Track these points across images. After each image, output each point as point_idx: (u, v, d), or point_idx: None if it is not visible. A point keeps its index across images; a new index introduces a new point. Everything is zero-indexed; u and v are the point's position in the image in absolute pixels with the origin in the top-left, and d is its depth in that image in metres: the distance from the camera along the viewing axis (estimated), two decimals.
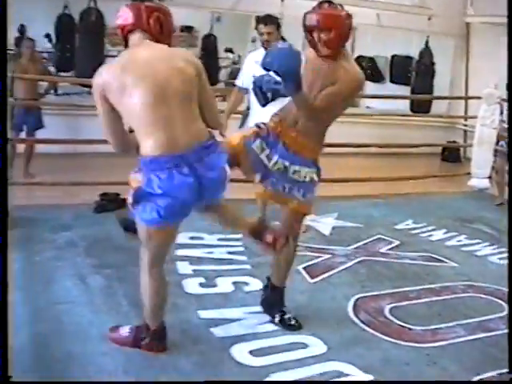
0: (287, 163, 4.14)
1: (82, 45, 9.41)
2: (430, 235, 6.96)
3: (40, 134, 8.62)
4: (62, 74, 10.59)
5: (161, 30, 3.61)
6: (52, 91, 9.84)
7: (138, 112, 3.41)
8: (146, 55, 3.50)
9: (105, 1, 9.37)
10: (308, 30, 4.10)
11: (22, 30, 12.76)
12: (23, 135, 8.60)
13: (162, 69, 3.46)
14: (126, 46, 3.65)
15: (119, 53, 3.76)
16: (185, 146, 3.46)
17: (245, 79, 5.84)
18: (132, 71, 3.41)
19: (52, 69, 10.25)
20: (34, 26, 12.84)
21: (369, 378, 3.83)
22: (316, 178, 4.25)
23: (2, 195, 3.18)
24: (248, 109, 6.47)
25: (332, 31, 3.99)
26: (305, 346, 4.14)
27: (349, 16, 4.14)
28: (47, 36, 12.64)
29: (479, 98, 9.13)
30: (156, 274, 3.75)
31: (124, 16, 3.62)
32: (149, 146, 3.44)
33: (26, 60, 8.52)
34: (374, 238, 6.64)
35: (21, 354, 3.77)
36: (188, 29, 14.86)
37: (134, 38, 3.60)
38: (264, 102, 4.04)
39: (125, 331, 3.98)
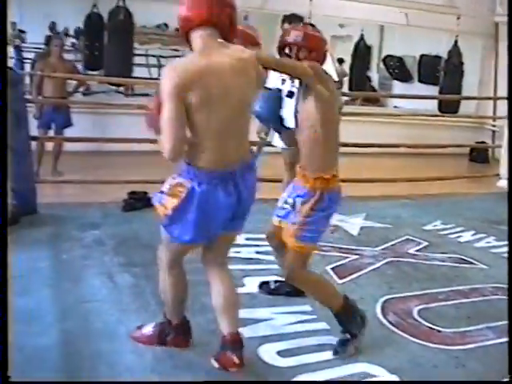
0: (292, 199, 4.06)
1: (110, 43, 9.45)
2: (459, 236, 6.92)
3: (68, 132, 8.67)
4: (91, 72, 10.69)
5: (230, 28, 3.40)
6: (81, 89, 9.90)
7: (209, 126, 3.31)
8: (226, 65, 3.29)
9: (133, 0, 9.43)
10: (284, 45, 4.06)
11: (53, 27, 12.90)
12: (51, 133, 8.66)
13: (240, 85, 3.33)
14: (187, 40, 3.38)
15: (147, 51, 3.69)
16: (235, 163, 3.42)
17: (271, 79, 5.81)
18: (216, 83, 3.24)
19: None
20: (63, 24, 12.98)
21: (396, 379, 3.81)
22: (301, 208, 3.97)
23: (2, 196, 3.20)
24: None
25: (312, 52, 3.99)
26: (333, 347, 4.12)
27: (326, 43, 4.20)
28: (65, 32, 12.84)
29: (508, 98, 9.04)
30: (175, 272, 3.73)
31: (193, 8, 3.31)
32: (204, 158, 3.36)
33: (55, 58, 8.56)
34: (402, 238, 6.61)
35: (49, 352, 3.80)
36: None
37: (201, 34, 3.31)
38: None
39: (148, 329, 3.98)
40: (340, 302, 4.11)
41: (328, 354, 4.00)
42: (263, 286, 4.95)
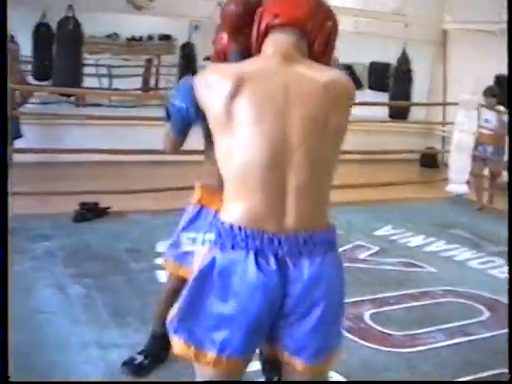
0: None
1: (59, 54, 9.39)
2: (409, 241, 6.99)
3: (18, 144, 8.58)
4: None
5: (324, 48, 2.33)
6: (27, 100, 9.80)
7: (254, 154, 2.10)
8: (308, 80, 2.21)
9: (82, 10, 9.39)
10: None
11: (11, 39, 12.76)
12: None
13: (325, 111, 2.27)
14: (258, 49, 2.27)
15: (97, 61, 3.46)
16: (285, 228, 2.09)
17: None
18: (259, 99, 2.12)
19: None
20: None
21: None
22: None
23: (2, 202, 3.17)
24: None
25: None
26: None
27: None
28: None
29: (457, 104, 9.17)
30: None
31: (288, 4, 2.24)
32: (235, 207, 2.11)
33: None
34: (354, 244, 6.64)
35: None
36: (166, 37, 14.90)
37: (279, 38, 2.21)
38: None
39: None
40: None
41: None
42: None
